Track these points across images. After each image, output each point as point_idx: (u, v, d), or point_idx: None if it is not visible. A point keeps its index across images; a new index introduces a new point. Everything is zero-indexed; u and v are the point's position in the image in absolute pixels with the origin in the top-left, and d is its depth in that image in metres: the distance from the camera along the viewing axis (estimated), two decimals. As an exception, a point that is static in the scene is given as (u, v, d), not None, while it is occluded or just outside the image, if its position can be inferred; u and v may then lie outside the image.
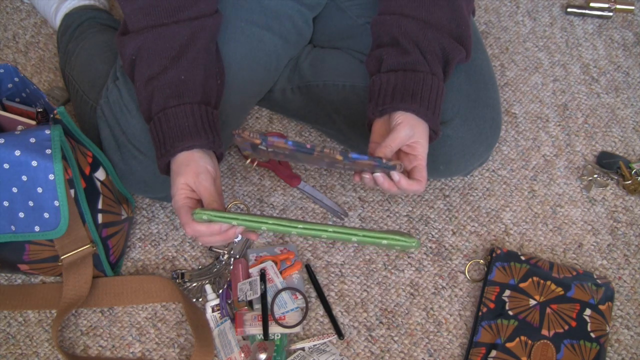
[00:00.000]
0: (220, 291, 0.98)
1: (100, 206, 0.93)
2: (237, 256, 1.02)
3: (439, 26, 0.90)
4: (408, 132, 0.85)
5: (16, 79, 0.94)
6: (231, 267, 1.00)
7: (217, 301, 0.97)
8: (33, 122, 0.91)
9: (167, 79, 0.87)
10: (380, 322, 0.98)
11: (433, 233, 1.07)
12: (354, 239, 0.81)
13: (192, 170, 0.84)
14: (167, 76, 0.87)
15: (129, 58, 0.89)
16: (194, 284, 1.00)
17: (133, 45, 0.88)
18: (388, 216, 1.08)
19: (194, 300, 0.99)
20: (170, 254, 1.05)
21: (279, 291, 0.97)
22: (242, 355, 0.92)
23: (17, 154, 0.83)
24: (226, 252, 1.02)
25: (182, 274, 1.01)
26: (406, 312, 0.99)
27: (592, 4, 1.37)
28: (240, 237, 1.03)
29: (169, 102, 0.86)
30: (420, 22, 0.90)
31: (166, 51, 0.88)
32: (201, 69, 0.89)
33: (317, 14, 1.10)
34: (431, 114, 0.87)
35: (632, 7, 1.38)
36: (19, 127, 0.90)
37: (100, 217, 0.93)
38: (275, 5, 1.01)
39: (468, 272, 1.03)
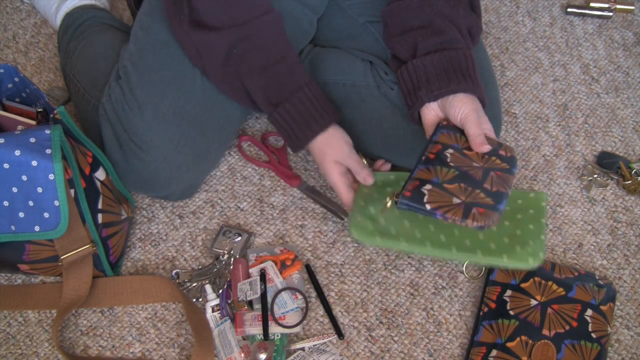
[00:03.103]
0: (220, 291, 0.98)
1: (100, 206, 0.93)
2: (237, 256, 1.02)
3: (464, 3, 0.94)
4: (480, 111, 0.88)
5: (16, 79, 0.94)
6: (231, 267, 1.00)
7: (217, 301, 0.97)
8: (33, 122, 0.91)
9: (283, 68, 0.92)
10: (380, 322, 0.98)
11: (433, 233, 1.07)
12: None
13: (335, 148, 0.94)
14: (284, 64, 0.92)
15: (223, 53, 0.91)
16: (194, 284, 1.00)
17: (232, 37, 0.90)
18: (388, 216, 1.08)
19: (194, 300, 0.98)
20: (170, 254, 1.04)
21: (279, 291, 0.97)
22: (242, 355, 0.92)
23: (17, 154, 0.83)
24: (226, 252, 1.02)
25: (182, 274, 1.01)
26: (406, 312, 0.99)
27: (592, 4, 1.37)
28: (240, 237, 1.04)
29: (287, 89, 0.92)
30: (450, 0, 0.93)
31: (270, 41, 0.92)
32: (295, 53, 0.95)
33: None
34: (479, 87, 0.89)
35: (632, 7, 1.38)
36: (19, 127, 0.90)
37: (100, 217, 0.93)
38: (285, 7, 1.00)
39: (468, 272, 1.03)
